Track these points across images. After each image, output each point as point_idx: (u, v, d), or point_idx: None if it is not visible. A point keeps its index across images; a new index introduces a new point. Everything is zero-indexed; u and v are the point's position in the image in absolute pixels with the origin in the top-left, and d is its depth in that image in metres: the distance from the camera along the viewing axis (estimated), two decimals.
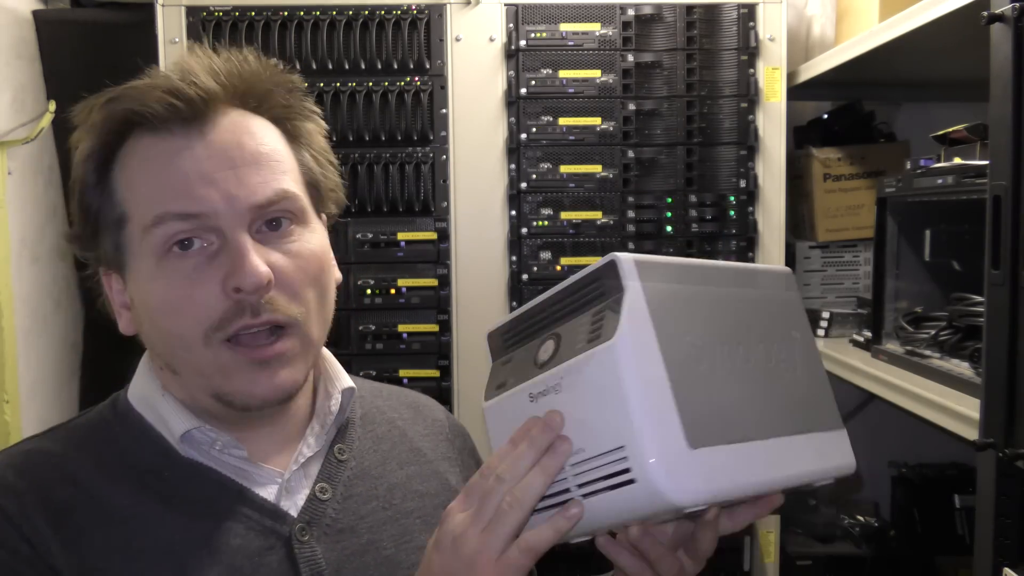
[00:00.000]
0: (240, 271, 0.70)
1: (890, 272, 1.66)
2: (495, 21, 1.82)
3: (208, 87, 0.73)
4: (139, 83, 0.74)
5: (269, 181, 0.74)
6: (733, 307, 0.72)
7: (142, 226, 0.73)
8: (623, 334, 0.61)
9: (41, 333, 1.94)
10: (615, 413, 0.61)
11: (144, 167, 0.73)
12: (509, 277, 1.84)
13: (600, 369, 0.63)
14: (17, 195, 1.84)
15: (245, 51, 0.77)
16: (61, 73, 1.97)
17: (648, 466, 0.60)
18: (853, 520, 2.02)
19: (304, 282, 0.75)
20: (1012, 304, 1.05)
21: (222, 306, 0.71)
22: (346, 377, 0.87)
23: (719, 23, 1.84)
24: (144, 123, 0.73)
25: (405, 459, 0.89)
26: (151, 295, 0.74)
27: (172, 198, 0.71)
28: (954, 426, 1.24)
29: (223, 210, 0.71)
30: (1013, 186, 1.04)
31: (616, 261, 0.64)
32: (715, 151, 1.86)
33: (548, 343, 0.69)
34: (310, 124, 0.81)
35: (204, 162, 0.72)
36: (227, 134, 0.74)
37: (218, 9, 1.76)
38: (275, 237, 0.75)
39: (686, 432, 0.61)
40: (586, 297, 0.67)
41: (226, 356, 0.73)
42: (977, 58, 1.12)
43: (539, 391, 0.67)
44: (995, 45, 1.07)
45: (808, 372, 0.76)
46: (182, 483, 0.76)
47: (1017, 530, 1.07)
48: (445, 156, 1.82)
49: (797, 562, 1.88)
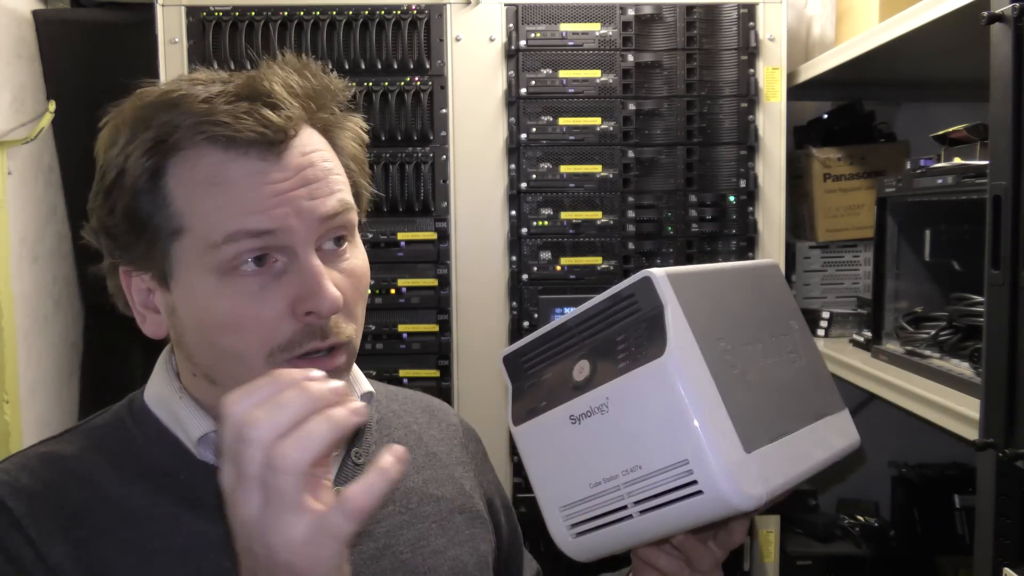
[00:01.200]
0: (316, 296, 0.70)
1: (890, 272, 1.66)
2: (495, 21, 1.82)
3: (295, 115, 0.72)
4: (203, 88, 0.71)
5: (335, 192, 0.74)
6: (745, 307, 0.73)
7: (208, 243, 0.70)
8: (672, 350, 0.62)
9: (41, 333, 1.94)
10: (673, 428, 0.62)
11: (212, 185, 0.71)
12: (509, 277, 1.84)
13: (652, 386, 0.63)
14: (17, 195, 1.84)
15: (306, 59, 0.76)
16: (61, 73, 1.97)
17: (715, 476, 0.60)
18: (853, 520, 2.02)
19: (357, 300, 0.76)
20: (1012, 304, 1.05)
21: (290, 328, 0.71)
22: (366, 382, 0.87)
23: (719, 23, 1.84)
24: (217, 139, 0.70)
25: (421, 463, 0.89)
26: (209, 311, 0.72)
27: (245, 217, 0.70)
28: (954, 426, 1.24)
29: (295, 226, 0.71)
30: (1013, 186, 1.04)
31: (651, 278, 0.65)
32: (715, 151, 1.86)
33: (582, 363, 0.69)
34: (351, 132, 0.81)
35: (279, 185, 0.71)
36: (300, 157, 0.73)
37: (218, 9, 1.76)
38: (334, 255, 0.74)
39: (741, 438, 0.62)
40: (618, 315, 0.68)
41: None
42: (977, 58, 1.12)
43: (582, 412, 0.67)
44: (995, 45, 1.07)
45: (810, 359, 0.78)
46: (199, 485, 0.75)
47: (1017, 530, 1.07)
48: (445, 156, 1.82)
49: (797, 562, 1.88)
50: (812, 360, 0.78)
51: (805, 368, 0.76)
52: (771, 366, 0.71)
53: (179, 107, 0.71)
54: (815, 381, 0.77)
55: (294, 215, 0.71)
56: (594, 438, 0.66)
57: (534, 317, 1.83)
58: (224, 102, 0.70)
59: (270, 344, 0.71)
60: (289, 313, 0.71)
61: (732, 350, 0.67)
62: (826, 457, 0.73)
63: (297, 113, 0.72)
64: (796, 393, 0.73)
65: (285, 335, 0.71)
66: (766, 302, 0.76)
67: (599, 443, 0.66)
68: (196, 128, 0.70)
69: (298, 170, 0.72)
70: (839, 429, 0.77)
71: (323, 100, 0.77)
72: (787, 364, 0.74)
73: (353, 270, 0.76)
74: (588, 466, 0.67)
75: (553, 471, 0.70)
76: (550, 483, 0.70)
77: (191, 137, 0.71)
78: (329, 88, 0.77)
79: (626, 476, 0.65)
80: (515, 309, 1.84)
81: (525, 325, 1.84)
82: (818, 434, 0.73)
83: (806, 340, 0.78)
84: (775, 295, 0.78)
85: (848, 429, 0.78)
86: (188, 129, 0.70)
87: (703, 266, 0.73)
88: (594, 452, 0.67)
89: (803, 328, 0.78)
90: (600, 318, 0.69)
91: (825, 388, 0.78)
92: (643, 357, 0.64)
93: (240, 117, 0.69)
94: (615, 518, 0.66)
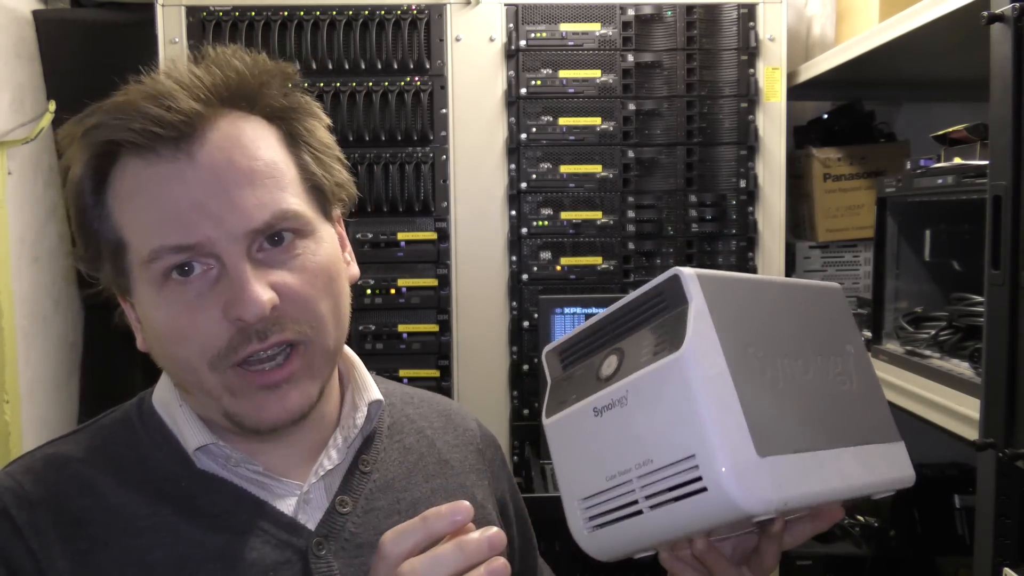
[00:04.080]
0: (239, 302, 0.68)
1: (890, 272, 1.66)
2: (495, 21, 1.82)
3: (188, 108, 0.68)
4: (119, 103, 0.70)
5: (266, 202, 0.70)
6: (791, 321, 0.73)
7: (140, 259, 0.71)
8: (690, 345, 0.62)
9: (41, 333, 1.94)
10: (684, 423, 0.62)
11: (134, 195, 0.70)
12: (509, 277, 1.84)
13: (668, 380, 0.63)
14: (17, 195, 1.84)
15: (231, 49, 0.73)
16: (61, 73, 1.97)
17: (719, 474, 0.60)
18: (853, 520, 2.02)
19: (313, 297, 0.73)
20: (1012, 304, 1.05)
21: (227, 333, 0.69)
22: (375, 389, 0.85)
23: (719, 23, 1.84)
24: (129, 148, 0.70)
25: (432, 472, 0.87)
26: (154, 322, 0.72)
27: (165, 231, 0.69)
28: (954, 426, 1.24)
29: (217, 238, 0.68)
30: (1013, 186, 1.04)
31: (679, 275, 0.65)
32: (715, 151, 1.86)
33: (611, 358, 0.69)
34: (309, 119, 0.76)
35: (194, 189, 0.68)
36: (217, 152, 0.69)
37: (218, 9, 1.76)
38: (279, 253, 0.71)
39: (755, 440, 0.62)
40: (648, 312, 0.68)
41: (234, 380, 0.71)
42: (977, 58, 1.12)
43: (604, 405, 0.68)
44: (995, 45, 1.07)
45: (864, 385, 0.77)
46: (199, 493, 0.75)
47: (1017, 530, 1.07)
48: (445, 156, 1.82)
49: (797, 562, 1.88)
50: (866, 386, 0.77)
51: (855, 392, 0.75)
52: (811, 382, 0.71)
53: (98, 129, 0.70)
54: (866, 407, 0.76)
55: (214, 227, 0.68)
56: (613, 431, 0.67)
57: (534, 317, 1.83)
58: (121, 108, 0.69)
59: (209, 353, 0.70)
60: (222, 320, 0.69)
61: (764, 357, 0.67)
62: (866, 483, 0.72)
63: (193, 109, 0.69)
64: (837, 413, 0.72)
65: (222, 341, 0.69)
66: (820, 321, 0.76)
67: (617, 436, 0.67)
68: (106, 145, 0.70)
69: (214, 170, 0.69)
70: (889, 459, 0.75)
71: (243, 86, 0.72)
72: (833, 384, 0.73)
73: (305, 266, 0.72)
74: (606, 459, 0.68)
75: (576, 464, 0.71)
76: (572, 476, 0.71)
77: (113, 149, 0.70)
78: (256, 73, 0.73)
79: (639, 470, 0.65)
80: (515, 309, 1.84)
81: (525, 325, 1.84)
82: (860, 459, 0.72)
83: (862, 366, 0.77)
84: (833, 316, 0.78)
85: (901, 461, 0.76)
86: (102, 142, 0.70)
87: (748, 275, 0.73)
88: (612, 445, 0.67)
89: (861, 354, 0.78)
90: (630, 315, 0.70)
91: (878, 416, 0.77)
92: (663, 352, 0.64)
93: (130, 119, 0.68)
94: (627, 512, 0.66)
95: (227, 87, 0.71)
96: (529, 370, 1.84)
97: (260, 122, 0.74)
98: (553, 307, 1.79)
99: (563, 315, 1.79)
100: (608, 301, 1.87)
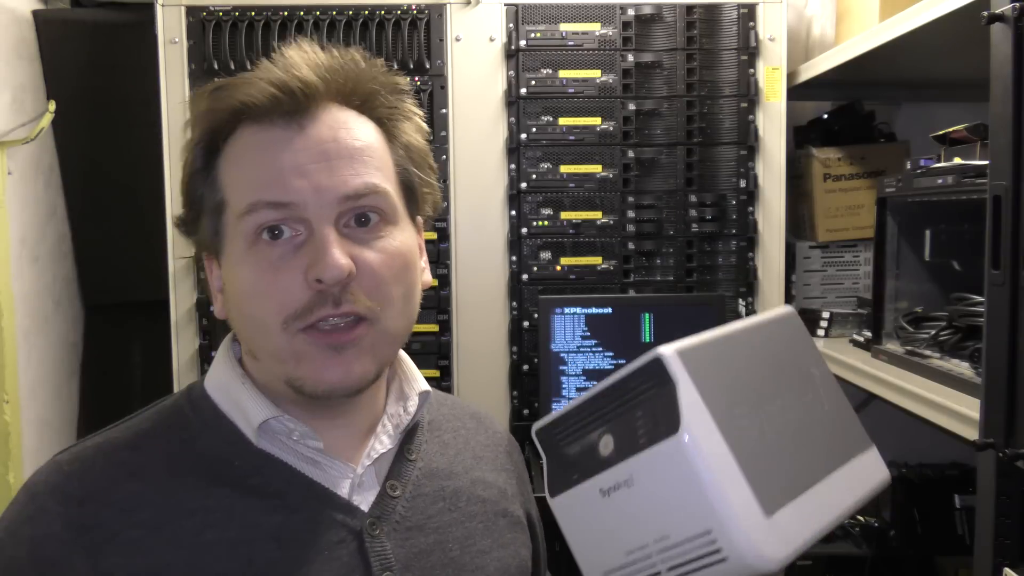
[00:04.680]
0: (321, 263, 0.71)
1: (890, 272, 1.66)
2: (495, 21, 1.82)
3: (309, 80, 0.74)
4: (247, 74, 0.76)
5: (361, 174, 0.75)
6: (761, 366, 0.75)
7: (236, 213, 0.74)
8: (686, 427, 0.65)
9: (41, 333, 1.94)
10: (694, 500, 0.65)
11: (244, 156, 0.75)
12: (509, 277, 1.84)
13: (669, 462, 0.66)
14: (17, 195, 1.84)
15: (353, 50, 0.78)
16: (61, 73, 1.97)
17: (737, 544, 0.63)
18: (853, 520, 2.02)
19: (387, 278, 0.76)
20: (1012, 304, 1.05)
21: (304, 295, 0.73)
22: (423, 381, 0.88)
23: (719, 23, 1.84)
24: (249, 114, 0.75)
25: (469, 465, 0.90)
26: (238, 280, 0.75)
27: (266, 187, 0.73)
28: (954, 426, 1.24)
29: (312, 200, 0.73)
30: (1013, 186, 1.04)
31: (662, 358, 0.67)
32: (715, 151, 1.86)
33: (606, 438, 0.72)
34: (410, 124, 0.82)
35: (300, 154, 0.73)
36: (325, 129, 0.75)
37: (218, 9, 1.76)
38: (363, 232, 0.75)
39: (760, 503, 0.65)
40: (634, 392, 0.70)
41: (302, 342, 0.74)
42: (977, 58, 1.12)
43: (610, 486, 0.70)
44: (995, 45, 1.07)
45: (833, 403, 0.80)
46: (253, 473, 0.76)
47: (1017, 530, 1.07)
48: (445, 156, 1.82)
49: (797, 562, 1.87)
50: (835, 404, 0.80)
51: (829, 414, 0.79)
52: (791, 420, 0.74)
53: (224, 90, 0.75)
54: (839, 423, 0.79)
55: (311, 190, 0.73)
56: (624, 510, 0.70)
57: (534, 317, 1.83)
58: (248, 78, 0.75)
59: (285, 311, 0.73)
60: (303, 281, 0.73)
61: (748, 414, 0.69)
62: (854, 502, 0.75)
63: (314, 82, 0.74)
64: (819, 442, 0.76)
65: (299, 302, 0.72)
66: (785, 355, 0.79)
67: (629, 514, 0.69)
68: (230, 107, 0.75)
69: (320, 143, 0.74)
70: (867, 469, 0.79)
71: (360, 84, 0.78)
72: (809, 413, 0.76)
73: (385, 248, 0.76)
74: (622, 535, 0.70)
75: (592, 539, 0.73)
76: (590, 550, 0.74)
77: (234, 117, 0.75)
78: (373, 77, 0.79)
79: (657, 544, 0.68)
80: (515, 309, 1.84)
81: (525, 325, 1.84)
82: (845, 480, 0.75)
83: (827, 384, 0.80)
84: (793, 344, 0.80)
85: (876, 466, 0.80)
86: (225, 108, 0.75)
87: (715, 332, 0.75)
88: (626, 522, 0.70)
89: (824, 373, 0.81)
90: (618, 395, 0.72)
91: (851, 428, 0.80)
92: (659, 434, 0.67)
93: (256, 84, 0.74)
94: None
95: (346, 78, 0.77)
96: (529, 370, 1.84)
97: (366, 119, 0.79)
98: (553, 307, 1.79)
99: (563, 315, 1.79)
100: (608, 301, 1.87)
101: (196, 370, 1.78)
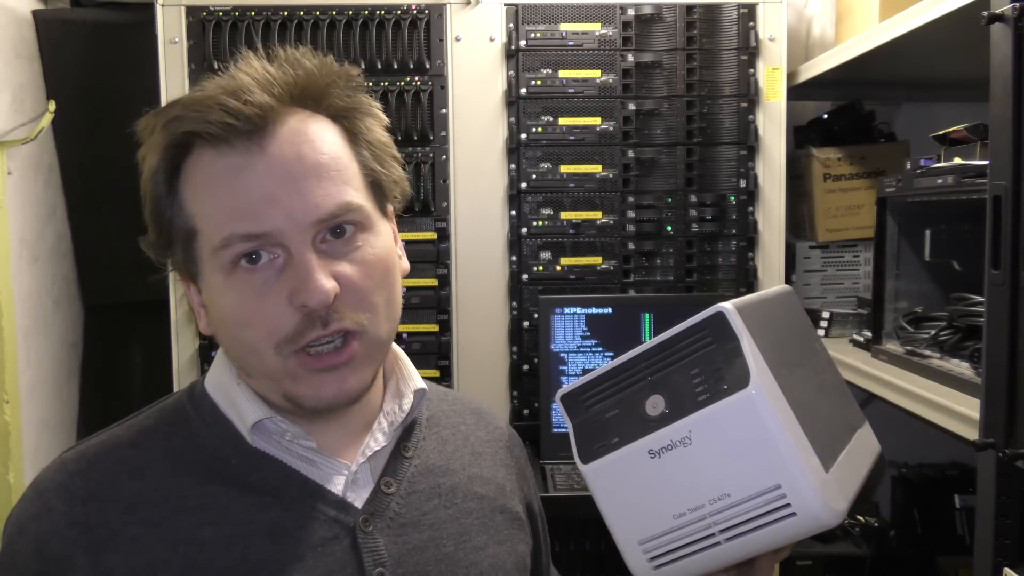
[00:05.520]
0: (306, 290, 0.72)
1: (890, 272, 1.66)
2: (495, 21, 1.82)
3: (262, 102, 0.73)
4: (196, 97, 0.75)
5: (332, 194, 0.74)
6: (790, 333, 0.76)
7: (211, 246, 0.74)
8: (755, 382, 0.65)
9: (41, 333, 1.94)
10: (763, 455, 0.64)
11: (208, 184, 0.74)
12: (509, 277, 1.84)
13: (736, 418, 0.65)
14: (17, 195, 1.84)
15: (299, 51, 0.77)
16: (61, 73, 1.97)
17: (807, 498, 0.63)
18: (853, 520, 2.02)
19: (370, 288, 0.77)
20: (1012, 304, 1.05)
21: (293, 320, 0.73)
22: (419, 379, 0.89)
23: (719, 23, 1.84)
24: (205, 139, 0.74)
25: (467, 462, 0.91)
26: (223, 308, 0.76)
27: (237, 219, 0.73)
28: (954, 426, 1.24)
29: (286, 227, 0.72)
30: (1013, 186, 1.04)
31: (725, 313, 0.67)
32: (715, 151, 1.86)
33: (655, 398, 0.70)
34: (369, 119, 0.81)
35: (265, 180, 0.73)
36: (287, 146, 0.74)
37: (218, 9, 1.76)
38: (340, 245, 0.75)
39: (820, 458, 0.66)
40: (690, 349, 0.70)
41: (295, 366, 0.75)
42: (977, 58, 1.12)
43: (662, 446, 0.69)
44: (995, 45, 1.07)
45: (835, 377, 0.82)
46: (249, 471, 0.78)
47: (1017, 530, 1.07)
48: (445, 156, 1.82)
49: (797, 562, 1.88)
50: (837, 378, 0.81)
51: (835, 386, 0.80)
52: (816, 387, 0.75)
53: (177, 121, 0.74)
54: (844, 397, 0.82)
55: (283, 216, 0.72)
56: (676, 470, 0.68)
57: (534, 317, 1.83)
58: (200, 101, 0.73)
59: (276, 336, 0.74)
60: (288, 306, 0.73)
61: (790, 375, 0.70)
62: (867, 467, 0.76)
63: (267, 103, 0.73)
64: (838, 410, 0.77)
65: (289, 326, 0.73)
66: (797, 327, 0.80)
67: (682, 475, 0.68)
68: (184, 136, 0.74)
69: (284, 163, 0.73)
70: (867, 441, 0.81)
71: (310, 86, 0.77)
72: (825, 383, 0.77)
73: (364, 258, 0.76)
74: (671, 498, 0.69)
75: (630, 506, 0.71)
76: (627, 518, 0.72)
77: (188, 140, 0.74)
78: (322, 74, 0.77)
79: (713, 505, 0.67)
80: (515, 309, 1.84)
81: (525, 325, 1.84)
82: (858, 448, 0.76)
83: (828, 359, 0.82)
84: (799, 319, 0.83)
85: (871, 440, 0.82)
86: (181, 133, 0.74)
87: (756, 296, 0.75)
88: (677, 484, 0.68)
89: (823, 348, 0.82)
90: (669, 353, 0.71)
91: (851, 403, 0.82)
92: (725, 390, 0.66)
93: (207, 111, 0.72)
94: (701, 547, 0.68)
95: (297, 85, 0.76)
96: (529, 370, 1.84)
97: (325, 120, 0.78)
98: (553, 307, 1.79)
99: (563, 315, 1.79)
100: (608, 301, 1.87)
101: (196, 370, 1.78)
